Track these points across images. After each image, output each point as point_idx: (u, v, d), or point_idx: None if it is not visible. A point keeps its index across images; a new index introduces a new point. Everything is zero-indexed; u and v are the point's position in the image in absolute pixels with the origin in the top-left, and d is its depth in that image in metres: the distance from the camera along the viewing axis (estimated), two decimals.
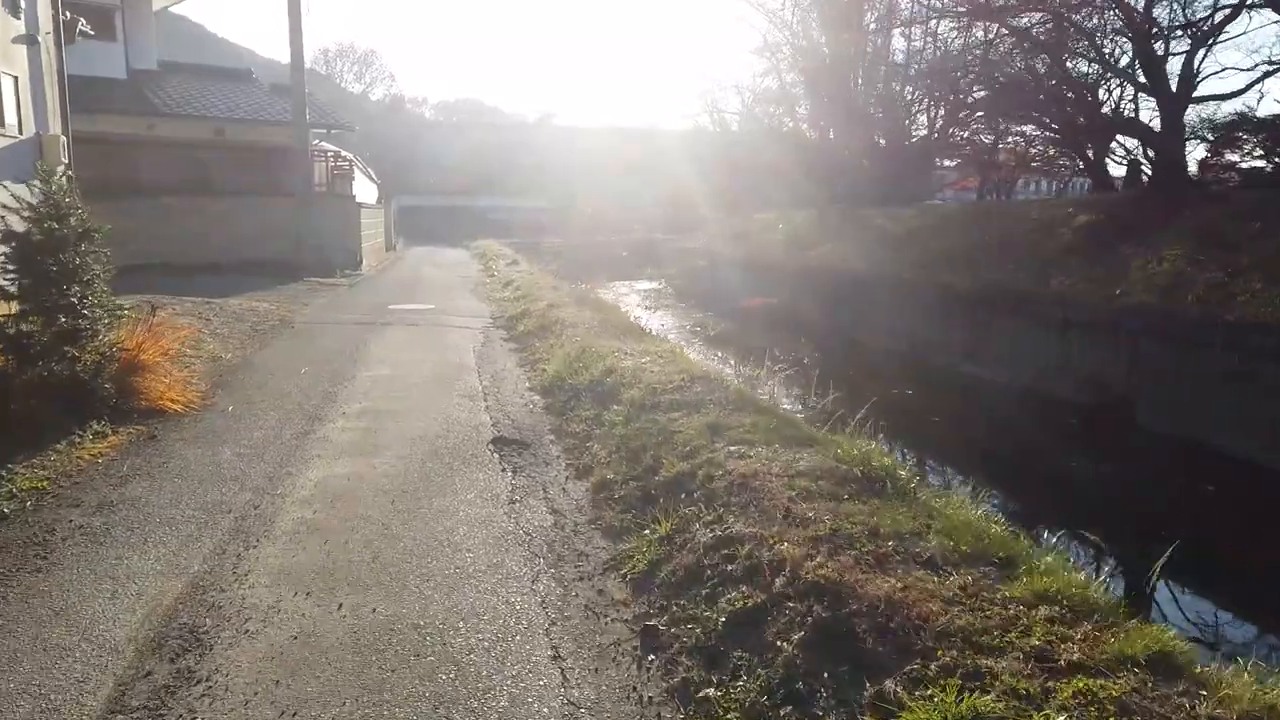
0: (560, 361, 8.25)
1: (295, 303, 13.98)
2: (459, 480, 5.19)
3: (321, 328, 11.38)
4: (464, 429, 6.41)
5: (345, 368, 8.63)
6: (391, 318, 12.50)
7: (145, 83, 19.68)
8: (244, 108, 20.32)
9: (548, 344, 9.62)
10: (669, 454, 4.91)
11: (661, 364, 7.10)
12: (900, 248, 19.00)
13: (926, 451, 9.00)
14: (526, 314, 12.07)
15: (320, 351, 9.52)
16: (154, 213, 18.61)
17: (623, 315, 10.76)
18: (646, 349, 7.94)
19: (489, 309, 13.97)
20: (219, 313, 11.95)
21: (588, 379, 7.14)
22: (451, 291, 17.02)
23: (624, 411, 6.02)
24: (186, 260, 18.52)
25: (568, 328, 10.13)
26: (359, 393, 7.51)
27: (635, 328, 9.72)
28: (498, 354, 9.79)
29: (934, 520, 3.46)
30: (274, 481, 5.08)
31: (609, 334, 9.38)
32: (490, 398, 7.50)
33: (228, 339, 10.08)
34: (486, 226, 48.52)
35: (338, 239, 20.41)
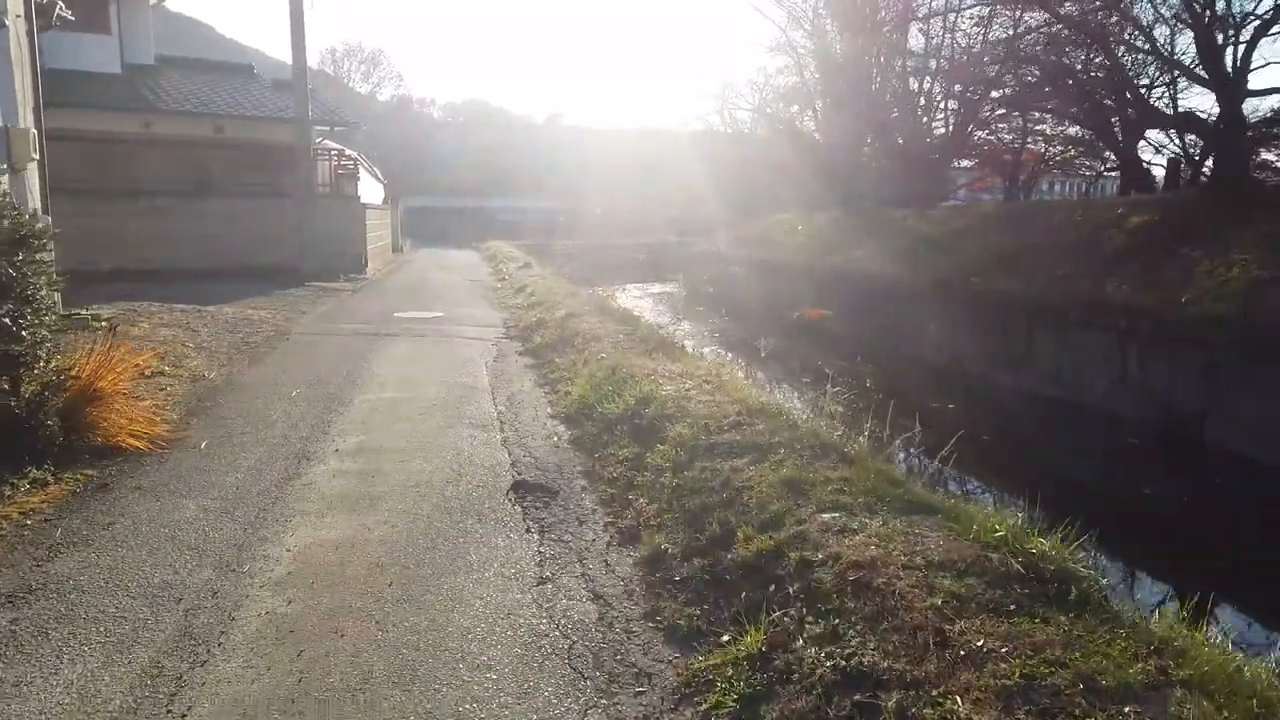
0: (586, 383, 7.17)
1: (294, 310, 12.94)
2: (474, 548, 4.12)
3: (320, 339, 10.33)
4: (478, 471, 5.33)
5: (342, 389, 7.56)
6: (396, 327, 11.45)
7: (141, 78, 18.69)
8: (245, 104, 19.32)
9: (569, 360, 8.55)
10: (740, 519, 3.82)
11: (709, 391, 6.01)
12: (937, 251, 17.87)
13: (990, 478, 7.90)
14: (543, 324, 11.00)
15: (316, 368, 8.46)
16: (150, 214, 17.64)
17: (649, 327, 9.68)
18: (685, 370, 6.85)
19: (501, 317, 12.91)
20: (209, 322, 10.91)
21: (621, 407, 6.06)
22: (461, 297, 15.97)
23: (671, 454, 4.93)
24: (184, 264, 17.54)
25: (590, 341, 9.05)
26: (356, 421, 6.45)
27: (667, 342, 8.63)
28: (513, 371, 8.71)
29: (1167, 658, 2.36)
30: (242, 551, 4.01)
31: (638, 349, 8.30)
32: (508, 428, 6.43)
33: (214, 353, 9.03)
34: (495, 228, 47.56)
35: (342, 241, 19.38)
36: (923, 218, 20.95)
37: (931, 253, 18.05)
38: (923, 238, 19.47)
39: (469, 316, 12.91)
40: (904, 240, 19.78)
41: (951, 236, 18.36)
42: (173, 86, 18.87)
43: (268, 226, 18.53)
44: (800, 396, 6.79)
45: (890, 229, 21.59)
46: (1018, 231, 16.95)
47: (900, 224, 21.72)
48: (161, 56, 19.90)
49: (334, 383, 7.82)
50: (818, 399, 6.06)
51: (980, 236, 17.67)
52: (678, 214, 48.83)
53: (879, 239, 20.77)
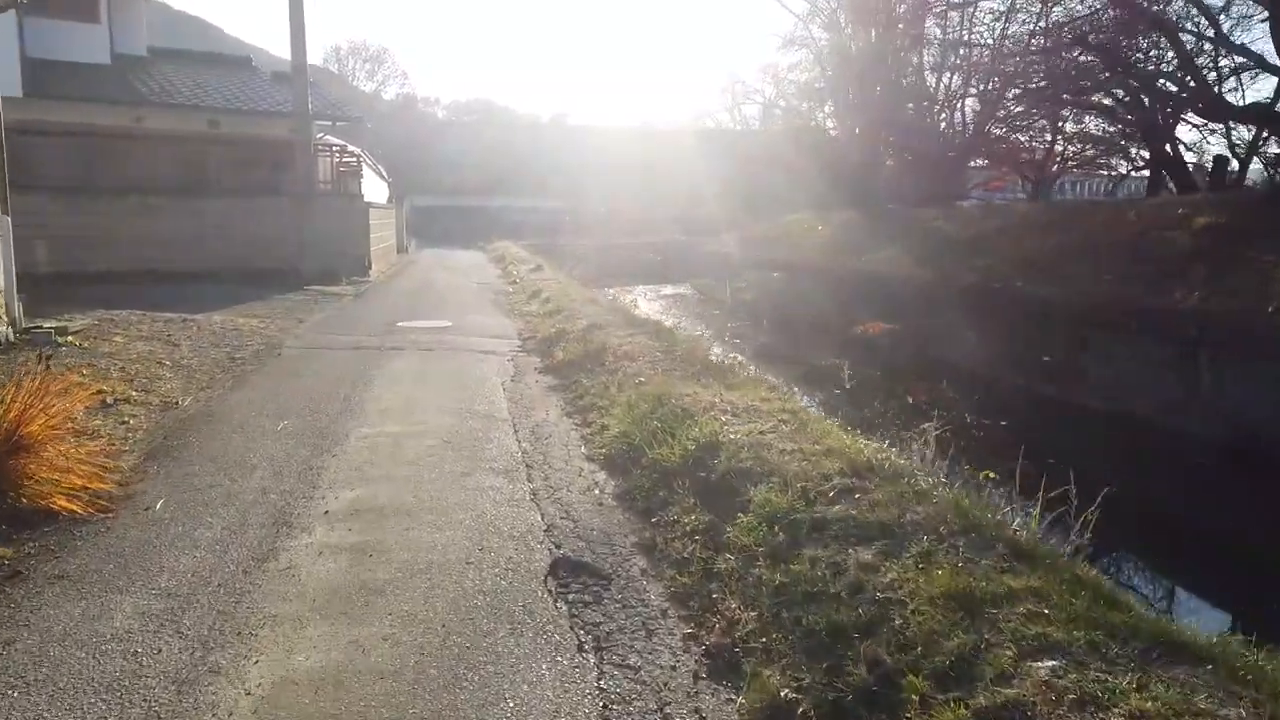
0: (625, 414, 5.94)
1: (289, 319, 11.70)
2: (509, 684, 2.88)
3: (315, 355, 9.09)
4: (505, 542, 4.10)
5: (337, 420, 6.33)
6: (401, 339, 10.21)
7: (132, 70, 17.45)
8: (242, 97, 18.07)
9: (599, 382, 7.31)
10: (901, 659, 2.59)
11: (790, 434, 4.77)
12: (970, 253, 16.63)
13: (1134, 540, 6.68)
14: (563, 335, 9.77)
15: (308, 392, 7.23)
16: (141, 213, 16.41)
17: (688, 342, 8.43)
18: (750, 403, 5.61)
19: (515, 327, 11.67)
20: (194, 334, 9.69)
21: (679, 453, 4.82)
22: (470, 303, 14.73)
23: (762, 531, 3.69)
24: (176, 266, 16.32)
25: (623, 360, 7.82)
26: (351, 468, 5.21)
27: (714, 363, 7.39)
28: (535, 395, 7.48)
29: None
30: (183, 696, 2.78)
31: (682, 371, 7.07)
32: (536, 474, 5.19)
33: (194, 373, 7.80)
34: (501, 227, 46.33)
35: (344, 242, 18.14)
36: (951, 218, 19.71)
37: (964, 255, 16.82)
38: (952, 239, 18.23)
39: (480, 326, 11.67)
40: (932, 242, 18.54)
41: (985, 238, 17.11)
42: (165, 79, 17.62)
43: (266, 226, 17.29)
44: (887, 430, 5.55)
45: (915, 230, 20.35)
46: (1058, 233, 15.71)
47: (925, 225, 20.47)
48: (154, 48, 18.65)
49: (328, 411, 6.58)
50: (919, 442, 4.81)
51: (1016, 238, 16.44)
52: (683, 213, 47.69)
53: (904, 240, 19.54)
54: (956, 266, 16.35)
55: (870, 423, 6.38)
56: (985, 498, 3.85)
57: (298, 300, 14.04)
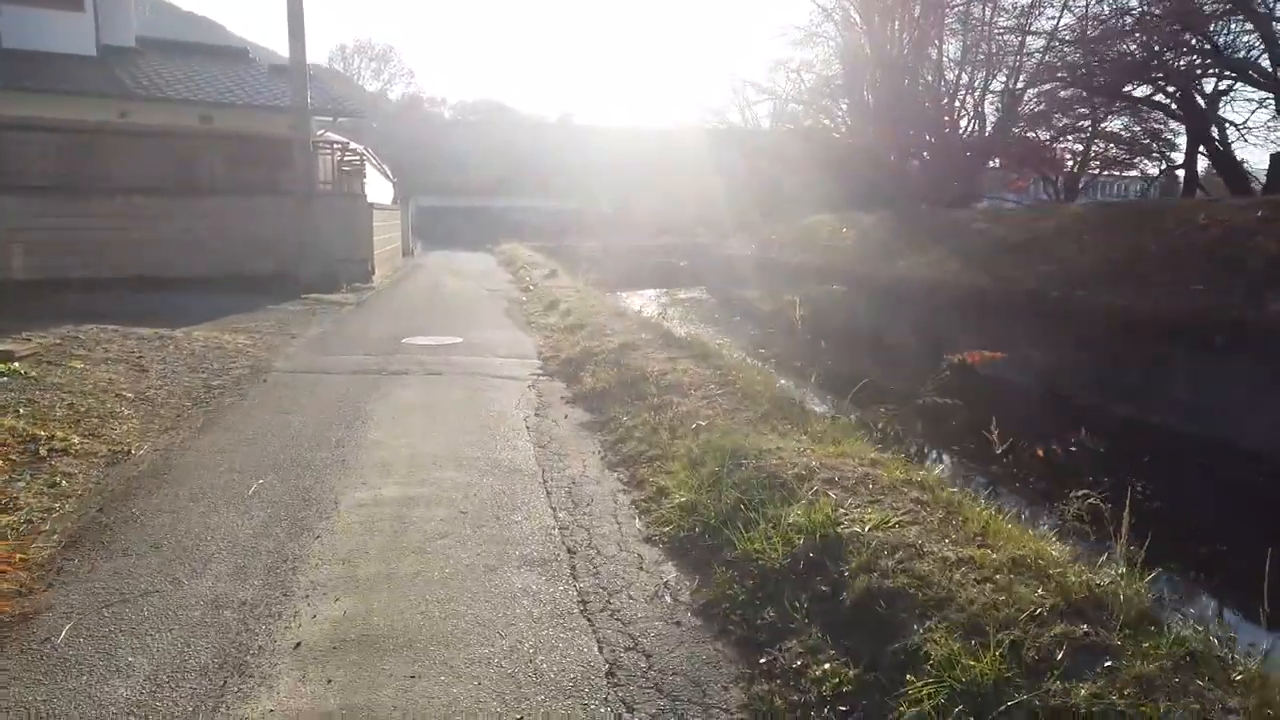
0: (688, 474, 4.63)
1: (281, 334, 10.39)
2: None
3: (306, 381, 7.77)
4: (553, 695, 2.79)
5: (324, 478, 5.01)
6: (405, 360, 8.89)
7: (119, 61, 16.16)
8: (237, 91, 16.77)
9: (643, 422, 5.98)
10: None
11: (938, 525, 3.42)
12: (1024, 258, 15.27)
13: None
14: (591, 356, 8.44)
15: (293, 435, 5.91)
16: (127, 215, 15.14)
17: (745, 368, 7.07)
18: (857, 464, 4.26)
19: (534, 343, 10.34)
20: (170, 354, 8.39)
21: (781, 548, 3.49)
22: (481, 314, 13.40)
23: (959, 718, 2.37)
24: (165, 272, 15.06)
25: (670, 391, 6.49)
26: (338, 560, 3.89)
27: (785, 400, 6.03)
28: (565, 436, 6.15)
29: None
30: None
31: (747, 410, 5.73)
32: (583, 567, 3.87)
33: (159, 408, 6.49)
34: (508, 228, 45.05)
35: (346, 246, 16.84)
36: (996, 219, 18.34)
37: (1017, 260, 15.46)
38: (1002, 243, 16.86)
39: (494, 342, 10.34)
40: (977, 245, 17.18)
41: (1039, 242, 15.74)
42: (155, 71, 16.33)
43: (262, 229, 16.00)
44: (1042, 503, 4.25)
45: (955, 232, 18.99)
46: (1122, 237, 14.34)
47: (965, 226, 19.10)
48: (144, 39, 17.36)
49: (315, 464, 5.26)
50: (1098, 527, 3.48)
51: (1074, 242, 15.07)
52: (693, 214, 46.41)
53: (945, 243, 18.18)
54: (1010, 273, 15.00)
55: (1017, 494, 5.00)
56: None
57: (293, 311, 12.73)
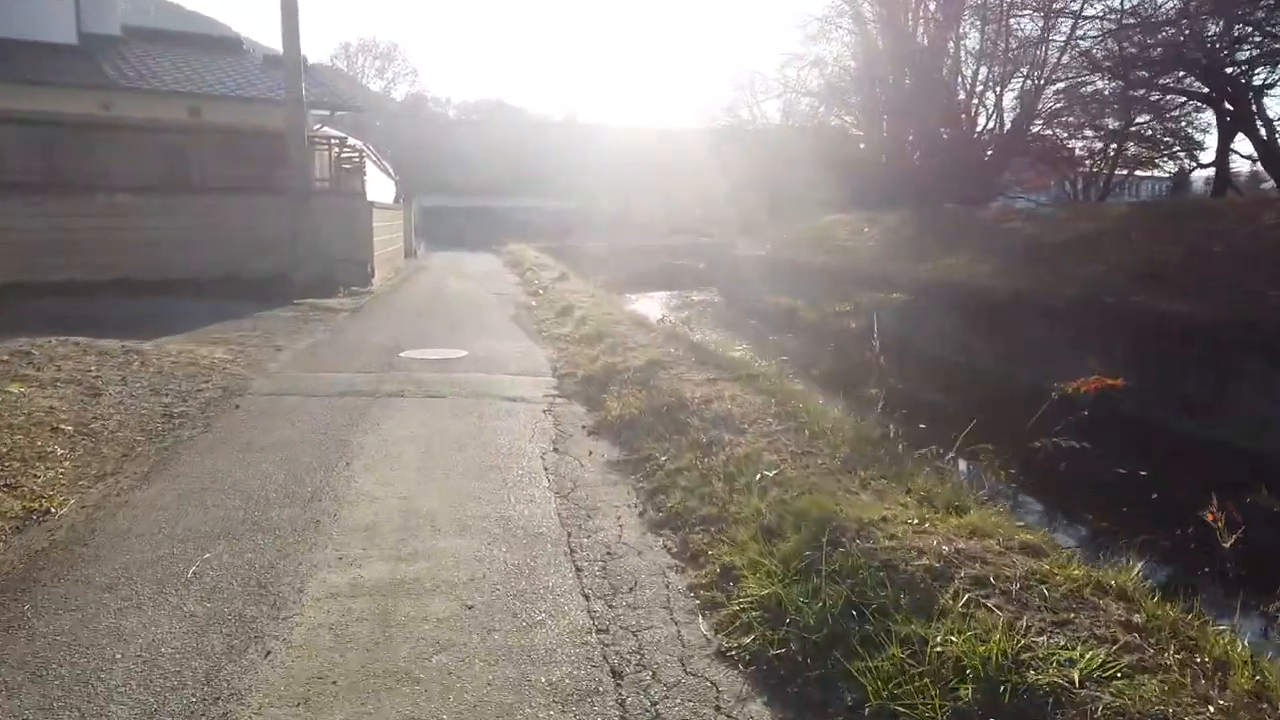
0: (761, 550, 3.47)
1: (266, 346, 9.23)
2: None
3: (285, 408, 6.60)
4: None
5: (290, 551, 3.84)
6: (402, 379, 7.72)
7: (102, 51, 15.01)
8: (228, 83, 15.62)
9: (689, 465, 4.81)
10: None
11: (1170, 663, 2.27)
12: (1066, 260, 14.08)
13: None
14: (614, 374, 7.27)
15: (258, 484, 4.74)
16: (109, 214, 14.01)
17: (804, 396, 5.88)
18: (1020, 561, 3.09)
19: (546, 356, 9.17)
20: (133, 373, 7.23)
21: (937, 700, 2.34)
22: (488, 321, 12.22)
23: None
24: (150, 275, 13.92)
25: (716, 424, 5.31)
26: (290, 697, 2.72)
27: (872, 440, 4.84)
28: (593, 484, 4.97)
29: None
30: None
31: (824, 455, 4.56)
32: (635, 713, 2.71)
33: (103, 443, 5.34)
34: (513, 228, 43.93)
35: (344, 247, 15.69)
36: (1029, 219, 17.15)
37: (1058, 262, 14.27)
38: (1036, 243, 15.67)
39: (503, 356, 9.16)
40: (1012, 246, 15.98)
41: (1081, 243, 14.55)
42: (140, 61, 15.18)
43: (255, 229, 14.87)
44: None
45: (984, 232, 17.80)
46: (1175, 237, 13.14)
47: (995, 226, 17.92)
48: (130, 27, 16.20)
49: (279, 528, 4.10)
50: None
51: (1122, 242, 13.88)
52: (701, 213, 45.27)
53: (974, 244, 16.99)
54: (1051, 276, 13.80)
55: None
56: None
57: (284, 318, 11.58)
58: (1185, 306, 11.13)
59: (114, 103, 14.33)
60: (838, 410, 5.37)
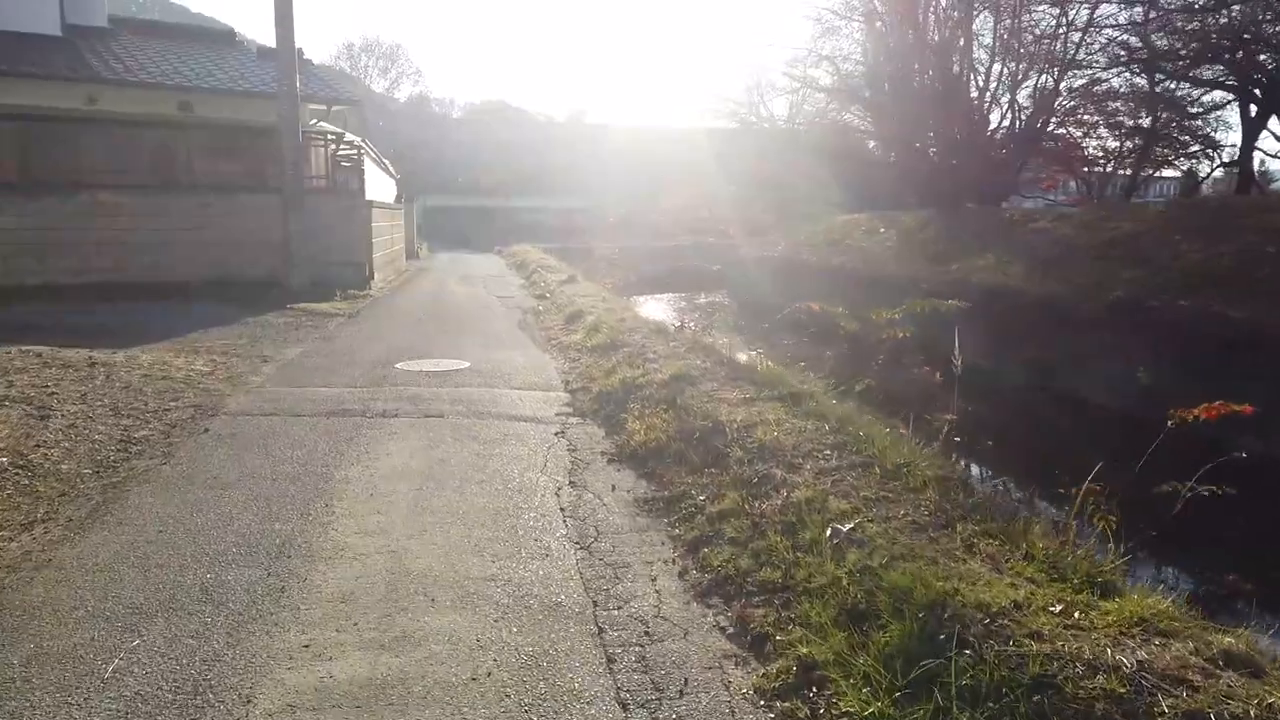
0: (848, 641, 2.62)
1: (251, 356, 8.39)
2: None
3: (260, 432, 5.76)
4: None
5: (241, 638, 2.99)
6: (397, 395, 6.88)
7: (87, 42, 14.20)
8: (220, 76, 14.79)
9: (733, 506, 3.97)
10: None
11: None
12: (1102, 263, 13.22)
13: None
14: (634, 390, 6.43)
15: (213, 537, 3.89)
16: (92, 214, 13.19)
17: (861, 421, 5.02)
18: (1204, 649, 2.26)
19: (557, 367, 8.33)
20: (95, 389, 6.40)
21: None
22: (493, 328, 11.37)
23: None
24: (134, 278, 13.11)
25: (763, 457, 4.47)
26: None
27: (948, 479, 4.00)
28: (620, 530, 4.12)
29: None
30: None
31: (906, 504, 3.72)
32: None
33: (41, 478, 4.50)
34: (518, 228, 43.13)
35: (341, 248, 14.88)
36: (1061, 220, 16.27)
37: (1094, 264, 13.40)
38: (1068, 245, 14.81)
39: (509, 368, 8.32)
40: (1042, 247, 15.12)
41: (1120, 244, 13.68)
42: (127, 53, 14.36)
43: (247, 230, 14.06)
44: None
45: (1010, 233, 16.92)
46: (1223, 237, 12.28)
47: (1021, 226, 17.05)
48: (117, 18, 15.41)
49: (232, 599, 3.25)
50: None
51: (1165, 244, 13.00)
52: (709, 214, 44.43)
53: (1000, 245, 16.12)
54: (1088, 279, 12.93)
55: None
56: None
57: (275, 324, 10.75)
58: (1241, 312, 10.28)
59: (99, 96, 13.51)
60: (908, 442, 4.51)
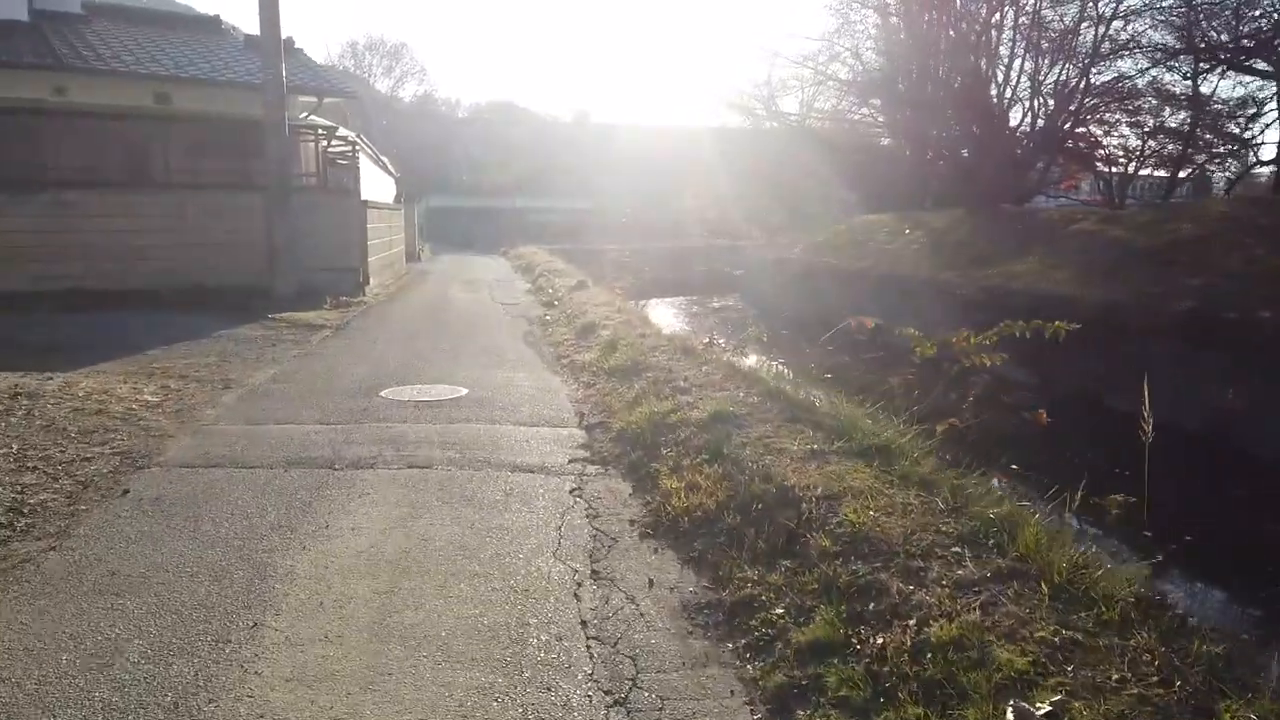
0: None
1: (212, 381, 7.13)
2: None
3: (194, 496, 4.49)
4: None
5: None
6: (375, 436, 5.60)
7: (55, 28, 12.95)
8: (202, 65, 13.55)
9: (833, 633, 2.71)
10: None
11: None
12: (1163, 269, 11.92)
13: None
14: (666, 431, 5.15)
15: (75, 689, 2.64)
16: (56, 213, 11.96)
17: (987, 497, 3.75)
18: None
19: (568, 393, 7.06)
20: (8, 429, 5.16)
21: None
22: (495, 342, 10.09)
23: None
24: (102, 285, 11.89)
25: (860, 550, 3.19)
26: None
27: (1141, 599, 2.74)
28: (667, 665, 2.84)
29: None
30: None
31: (1095, 652, 2.47)
32: None
33: None
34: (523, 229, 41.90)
35: (332, 251, 13.64)
36: (1108, 221, 14.97)
37: (1153, 270, 12.10)
38: (1122, 248, 13.51)
39: (513, 394, 7.04)
40: (1091, 251, 13.83)
41: (1183, 248, 12.38)
42: (101, 41, 13.12)
43: (229, 231, 12.83)
44: None
45: (1050, 234, 15.63)
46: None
47: (1061, 228, 15.75)
48: (91, 3, 14.16)
49: None
50: None
51: (1235, 247, 11.72)
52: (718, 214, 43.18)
53: (1045, 248, 14.83)
54: (1150, 286, 11.63)
55: None
56: None
57: (250, 339, 9.50)
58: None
59: (67, 86, 12.27)
60: (1066, 535, 3.21)
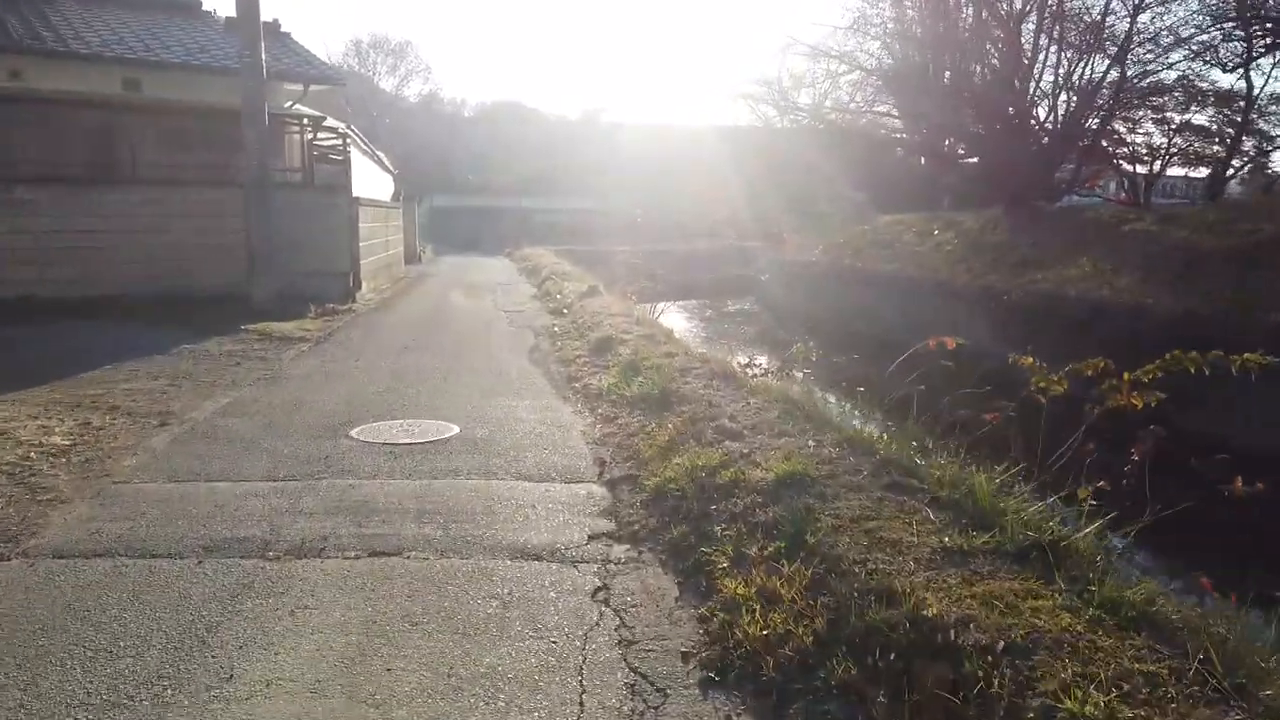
0: None
1: (147, 414, 5.78)
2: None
3: (56, 607, 3.13)
4: None
5: None
6: (332, 504, 4.23)
7: (12, 5, 11.64)
8: (176, 49, 12.24)
9: None
10: None
11: None
12: (1243, 274, 10.54)
13: None
14: (722, 499, 3.79)
15: None
16: (12, 213, 10.65)
17: (1153, 598, 2.45)
18: None
19: (582, 429, 5.68)
20: None
21: None
22: (496, 360, 8.70)
23: None
24: (63, 292, 10.56)
25: (1026, 702, 1.85)
26: None
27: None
28: None
29: None
30: None
31: None
32: None
33: None
34: (529, 230, 40.58)
35: (319, 254, 12.30)
36: (1168, 220, 13.55)
37: (1234, 274, 10.72)
38: (1189, 251, 12.10)
39: (515, 434, 5.65)
40: (1153, 254, 12.44)
41: (1261, 250, 11.00)
42: (64, 21, 11.81)
43: (206, 232, 11.52)
44: None
45: (1100, 236, 14.23)
46: None
47: (1113, 229, 14.35)
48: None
49: None
50: None
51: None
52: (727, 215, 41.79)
53: (1098, 251, 13.43)
54: (1237, 293, 10.25)
55: None
56: None
57: (213, 355, 8.14)
58: None
59: (24, 70, 10.97)
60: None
